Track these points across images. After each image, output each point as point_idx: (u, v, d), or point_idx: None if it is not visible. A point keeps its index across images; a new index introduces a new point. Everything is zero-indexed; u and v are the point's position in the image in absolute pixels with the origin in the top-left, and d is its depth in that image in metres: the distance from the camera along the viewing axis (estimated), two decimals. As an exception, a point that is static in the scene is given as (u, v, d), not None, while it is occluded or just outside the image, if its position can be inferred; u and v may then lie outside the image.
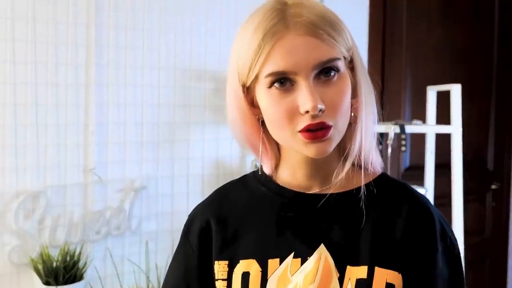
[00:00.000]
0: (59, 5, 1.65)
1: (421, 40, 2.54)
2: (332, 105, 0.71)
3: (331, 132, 0.72)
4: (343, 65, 0.74)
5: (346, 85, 0.74)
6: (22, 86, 1.61)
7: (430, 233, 0.75)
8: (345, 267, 0.71)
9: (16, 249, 1.62)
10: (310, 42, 0.71)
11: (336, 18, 0.75)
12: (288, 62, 0.71)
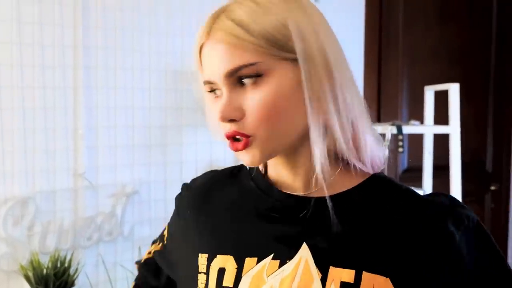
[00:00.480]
0: (44, 6, 1.61)
1: (417, 41, 2.51)
2: (252, 114, 0.67)
3: (252, 143, 0.68)
4: (276, 65, 0.67)
5: (270, 90, 0.67)
6: (8, 89, 1.57)
7: (434, 235, 0.68)
8: (328, 268, 0.66)
9: (6, 256, 1.58)
10: (222, 50, 0.68)
11: (267, 19, 0.68)
12: (208, 72, 0.70)
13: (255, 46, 0.66)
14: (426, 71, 2.52)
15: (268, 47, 0.67)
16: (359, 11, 2.34)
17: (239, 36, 0.67)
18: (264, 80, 0.67)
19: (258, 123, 0.67)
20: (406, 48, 2.48)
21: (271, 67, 0.67)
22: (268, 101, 0.67)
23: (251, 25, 0.67)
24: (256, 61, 0.67)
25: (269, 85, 0.67)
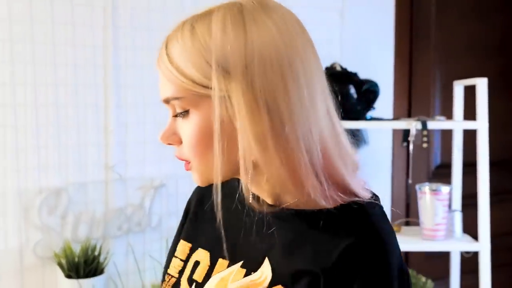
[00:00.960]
0: (76, 8, 1.70)
1: (451, 35, 2.47)
2: (184, 143, 0.71)
3: (192, 167, 0.71)
4: (199, 101, 0.67)
5: (195, 125, 0.68)
6: (42, 87, 1.67)
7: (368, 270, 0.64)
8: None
9: (40, 244, 1.69)
10: (161, 79, 0.71)
11: (193, 50, 0.67)
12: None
13: (181, 83, 0.67)
14: (460, 65, 2.47)
15: (192, 86, 0.67)
16: (389, 6, 2.32)
17: (170, 71, 0.68)
18: (190, 115, 0.69)
19: (189, 153, 0.70)
20: (438, 42, 2.43)
21: (195, 103, 0.68)
22: (194, 135, 0.68)
23: (180, 64, 0.67)
24: (180, 96, 0.68)
25: (194, 120, 0.68)
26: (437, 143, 2.47)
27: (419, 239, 1.87)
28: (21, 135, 1.66)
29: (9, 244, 1.66)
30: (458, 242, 1.87)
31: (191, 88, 0.67)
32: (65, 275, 1.65)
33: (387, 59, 2.33)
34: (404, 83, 2.38)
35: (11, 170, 1.65)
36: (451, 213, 1.91)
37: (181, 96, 0.68)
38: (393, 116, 2.31)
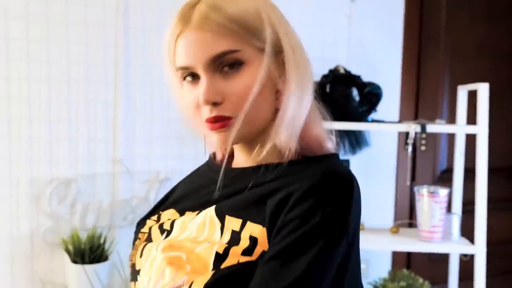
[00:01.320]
0: (89, 8, 1.80)
1: (461, 38, 2.48)
2: (232, 98, 0.75)
3: (231, 123, 0.75)
4: (253, 56, 0.75)
5: (252, 77, 0.75)
6: (55, 83, 1.78)
7: (299, 202, 0.71)
8: (225, 216, 0.76)
9: (49, 230, 1.80)
10: (205, 37, 0.74)
11: (248, 12, 0.75)
12: (185, 58, 0.76)
13: (235, 33, 0.73)
14: (470, 69, 2.48)
15: (246, 36, 0.74)
16: (397, 8, 2.35)
17: (224, 25, 0.73)
18: (245, 68, 0.75)
19: (239, 106, 0.75)
20: (448, 45, 2.45)
21: (251, 57, 0.75)
22: (248, 86, 0.74)
23: (236, 19, 0.74)
24: (239, 48, 0.74)
25: (249, 72, 0.75)
26: (443, 147, 2.49)
27: (417, 240, 1.91)
28: (35, 128, 1.76)
29: (21, 229, 1.77)
30: (454, 245, 1.89)
31: (247, 40, 0.75)
32: (71, 260, 1.75)
33: (394, 62, 2.36)
34: (412, 86, 2.40)
35: (24, 161, 1.76)
36: (449, 216, 1.93)
37: (239, 48, 0.74)
38: (399, 119, 2.34)
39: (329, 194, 0.71)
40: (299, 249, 0.68)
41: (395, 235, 2.00)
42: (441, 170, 2.50)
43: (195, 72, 0.77)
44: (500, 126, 2.54)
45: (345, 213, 0.71)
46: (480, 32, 2.53)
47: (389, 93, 2.23)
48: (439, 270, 2.32)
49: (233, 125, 0.76)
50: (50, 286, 1.81)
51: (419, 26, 2.39)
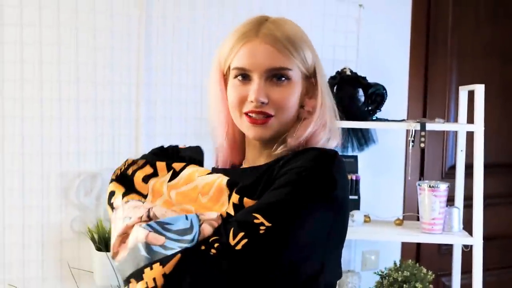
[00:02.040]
0: (115, 17, 1.96)
1: (468, 39, 2.57)
2: (276, 102, 0.95)
3: (271, 121, 0.95)
4: (297, 76, 0.97)
5: (292, 91, 0.96)
6: (84, 84, 1.94)
7: (290, 162, 0.90)
8: (232, 190, 0.91)
9: (77, 219, 1.97)
10: (269, 51, 0.94)
11: (301, 40, 0.97)
12: (248, 62, 0.95)
13: (290, 53, 0.95)
14: (477, 70, 2.56)
15: (299, 61, 0.96)
16: (405, 12, 2.46)
17: (286, 46, 0.94)
18: (290, 83, 0.96)
19: (280, 109, 0.95)
20: (454, 47, 2.54)
21: (296, 76, 0.96)
22: (289, 97, 0.96)
23: (294, 42, 0.96)
24: (291, 68, 0.95)
25: (292, 87, 0.96)
26: (451, 145, 2.58)
27: (419, 232, 2.02)
28: (64, 125, 1.93)
29: (51, 219, 1.95)
30: (454, 236, 2.00)
31: (298, 63, 0.96)
32: (95, 248, 1.91)
33: (403, 63, 2.46)
34: (420, 87, 2.50)
35: (54, 156, 1.93)
36: (450, 209, 2.04)
37: (291, 68, 0.96)
38: (407, 117, 2.44)
39: (313, 157, 0.91)
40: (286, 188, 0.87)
41: (399, 227, 2.11)
42: (449, 167, 2.59)
43: (248, 75, 0.95)
44: (501, 122, 2.63)
45: (328, 171, 0.89)
46: (487, 33, 2.61)
47: (397, 93, 2.33)
48: (446, 263, 2.41)
49: (271, 123, 0.96)
50: (77, 271, 1.98)
51: (426, 29, 2.49)
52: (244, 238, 0.81)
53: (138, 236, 0.84)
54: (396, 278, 2.06)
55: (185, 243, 0.83)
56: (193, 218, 0.86)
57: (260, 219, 0.82)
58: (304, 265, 0.88)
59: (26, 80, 1.88)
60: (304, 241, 0.86)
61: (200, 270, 0.81)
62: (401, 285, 2.05)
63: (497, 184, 2.65)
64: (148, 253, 0.82)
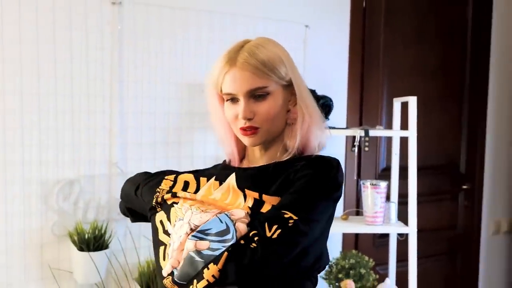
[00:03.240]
0: (89, 35, 2.12)
1: (397, 58, 2.96)
2: (260, 115, 1.18)
3: (258, 132, 1.18)
4: (275, 88, 1.18)
5: (274, 102, 1.18)
6: (61, 97, 2.08)
7: (304, 168, 1.15)
8: (244, 190, 1.15)
9: (57, 224, 2.09)
10: (246, 76, 1.16)
11: (274, 60, 1.17)
12: (232, 88, 1.18)
13: (265, 74, 1.15)
14: (404, 84, 2.95)
15: (274, 77, 1.16)
16: (344, 33, 2.80)
17: (260, 69, 1.15)
18: (269, 97, 1.17)
19: (265, 121, 1.17)
20: (386, 65, 2.92)
21: (274, 89, 1.17)
22: (271, 109, 1.17)
23: (267, 63, 1.15)
24: (267, 85, 1.16)
25: (272, 100, 1.17)
26: (383, 149, 2.95)
27: (363, 225, 2.34)
28: (44, 135, 2.05)
29: (32, 223, 2.06)
30: (392, 227, 2.34)
31: (275, 78, 1.17)
32: (77, 249, 2.05)
33: (342, 79, 2.80)
34: (356, 98, 2.85)
35: (35, 164, 2.05)
36: (388, 204, 2.37)
37: (267, 85, 1.17)
38: (346, 125, 2.77)
39: (323, 165, 1.16)
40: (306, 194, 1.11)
41: (345, 221, 2.42)
42: (382, 168, 2.96)
43: (236, 97, 1.18)
44: (426, 130, 3.03)
45: (336, 178, 1.14)
46: (412, 54, 3.02)
47: (338, 104, 2.65)
48: (381, 253, 2.76)
49: (259, 133, 1.19)
50: (58, 272, 2.10)
51: (362, 49, 2.85)
52: (278, 229, 1.06)
53: (188, 247, 1.09)
54: (344, 265, 2.36)
55: (227, 242, 1.08)
56: (226, 219, 1.10)
57: (289, 214, 1.07)
58: (313, 250, 1.14)
59: (8, 92, 1.99)
60: (317, 232, 1.13)
61: (243, 260, 1.05)
62: (348, 271, 2.36)
63: (420, 185, 3.05)
64: (201, 257, 1.07)
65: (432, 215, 3.18)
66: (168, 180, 1.26)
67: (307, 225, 1.09)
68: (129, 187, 1.41)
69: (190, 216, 1.14)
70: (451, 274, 3.35)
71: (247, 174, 1.22)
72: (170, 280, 1.13)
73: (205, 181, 1.23)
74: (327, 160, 1.18)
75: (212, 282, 1.06)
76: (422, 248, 2.90)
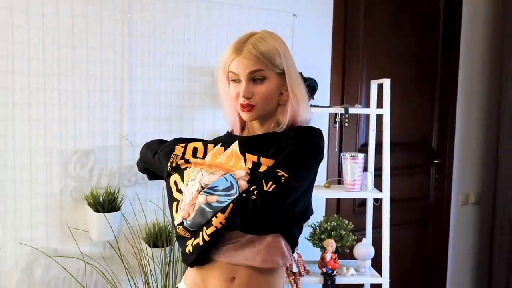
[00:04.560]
0: (104, 28, 2.40)
1: (375, 46, 3.27)
2: (257, 96, 1.46)
3: (254, 109, 1.47)
4: (271, 75, 1.45)
5: (269, 86, 1.45)
6: (78, 78, 2.36)
7: (293, 137, 1.44)
8: (245, 154, 1.45)
9: (75, 189, 2.38)
10: (248, 63, 1.44)
11: (271, 52, 1.43)
12: (236, 70, 1.46)
13: (263, 62, 1.42)
14: (382, 68, 3.26)
15: (270, 65, 1.43)
16: (328, 21, 3.10)
17: (259, 58, 1.42)
18: (266, 81, 1.44)
19: (259, 101, 1.45)
20: (365, 51, 3.23)
21: (270, 75, 1.44)
22: (266, 91, 1.45)
23: (265, 54, 1.42)
24: (264, 69, 1.43)
25: (267, 84, 1.45)
26: (363, 126, 3.27)
27: (343, 191, 2.66)
28: (63, 112, 2.33)
29: (53, 188, 2.35)
30: (368, 193, 2.66)
31: (271, 66, 1.44)
32: (94, 210, 2.34)
33: (326, 63, 3.10)
34: (338, 80, 3.16)
35: (57, 137, 2.33)
36: (366, 173, 2.70)
37: (264, 69, 1.44)
38: (329, 104, 3.08)
39: (308, 133, 1.45)
40: (294, 158, 1.41)
41: (328, 189, 2.74)
42: (361, 144, 3.28)
43: (239, 78, 1.47)
44: (402, 110, 3.35)
45: (318, 143, 1.44)
46: (389, 40, 3.33)
47: (322, 85, 2.95)
48: (359, 220, 3.07)
49: (254, 110, 1.48)
50: (75, 231, 2.39)
51: (344, 36, 3.15)
52: (273, 184, 1.36)
53: (200, 200, 1.40)
54: (326, 227, 2.68)
55: (232, 196, 1.38)
56: (230, 178, 1.41)
57: (281, 173, 1.38)
58: (300, 202, 1.45)
59: (32, 75, 2.26)
60: (304, 187, 1.43)
61: (246, 209, 1.36)
62: (330, 233, 2.68)
63: (395, 159, 3.37)
64: (211, 208, 1.38)
65: (406, 187, 3.51)
66: (180, 147, 1.55)
67: (296, 181, 1.39)
68: (148, 152, 1.70)
69: (200, 177, 1.44)
70: (423, 240, 3.70)
71: (248, 141, 1.51)
72: (182, 229, 1.44)
73: (212, 147, 1.52)
74: (312, 129, 1.48)
75: (219, 228, 1.38)
76: (396, 217, 3.23)
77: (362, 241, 2.70)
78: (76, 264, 2.39)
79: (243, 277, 1.43)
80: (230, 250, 1.42)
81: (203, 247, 1.40)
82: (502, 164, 3.56)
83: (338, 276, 2.59)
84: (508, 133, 3.50)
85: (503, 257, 3.56)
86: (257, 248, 1.41)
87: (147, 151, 1.71)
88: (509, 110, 3.50)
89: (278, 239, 1.44)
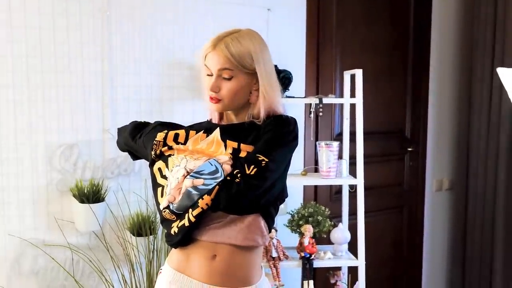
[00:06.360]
0: (84, 25, 2.48)
1: (347, 37, 3.38)
2: (223, 91, 1.55)
3: (220, 102, 1.57)
4: (239, 74, 1.54)
5: (236, 84, 1.54)
6: (61, 74, 2.44)
7: (270, 125, 1.55)
8: (226, 141, 1.56)
9: (60, 181, 2.46)
10: (219, 59, 1.54)
11: (243, 52, 1.51)
12: (209, 64, 1.57)
13: (235, 64, 1.51)
14: (355, 59, 3.38)
15: (239, 66, 1.52)
16: (301, 15, 3.21)
17: (229, 58, 1.51)
18: (233, 79, 1.54)
19: (225, 96, 1.55)
20: (338, 43, 3.34)
21: (237, 74, 1.54)
22: (232, 89, 1.55)
23: (235, 55, 1.51)
24: (232, 68, 1.52)
25: (235, 82, 1.54)
26: (337, 116, 3.39)
27: (319, 178, 2.77)
28: (47, 107, 2.41)
29: (40, 181, 2.43)
30: (344, 179, 2.78)
31: (240, 67, 1.52)
32: (79, 201, 2.43)
33: (300, 55, 3.21)
34: (313, 72, 3.27)
35: (41, 130, 2.41)
36: (341, 161, 2.81)
37: (232, 69, 1.53)
38: (305, 95, 3.19)
39: (284, 122, 1.57)
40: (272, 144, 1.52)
41: (305, 177, 2.85)
42: (337, 133, 3.39)
43: (211, 73, 1.57)
44: (376, 100, 3.47)
45: (293, 131, 1.56)
46: (361, 32, 3.44)
47: (297, 76, 3.06)
48: (336, 207, 3.18)
49: (221, 103, 1.58)
50: (61, 222, 2.48)
51: (317, 29, 3.25)
52: (254, 168, 1.48)
53: (186, 184, 1.50)
54: (304, 214, 2.79)
55: (218, 179, 1.49)
56: (215, 163, 1.51)
57: (262, 157, 1.49)
58: (278, 184, 1.57)
59: (16, 72, 2.34)
60: (281, 170, 1.55)
61: (231, 191, 1.48)
62: (307, 219, 2.79)
63: (371, 148, 3.49)
64: (197, 191, 1.49)
65: (381, 174, 3.64)
66: (162, 133, 1.65)
67: (274, 165, 1.51)
68: (126, 137, 1.83)
69: (185, 163, 1.54)
70: (399, 226, 3.84)
71: (228, 129, 1.62)
72: (168, 212, 1.54)
73: (194, 133, 1.62)
74: (287, 118, 1.60)
75: (205, 209, 1.48)
76: (372, 203, 3.37)
77: (338, 226, 2.82)
78: (63, 254, 2.47)
79: (225, 254, 1.54)
80: (213, 230, 1.53)
81: (189, 227, 1.51)
82: (473, 151, 3.69)
83: (316, 260, 2.70)
84: (478, 120, 3.64)
85: (476, 240, 3.71)
86: (238, 227, 1.53)
87: (125, 136, 1.82)
88: (479, 97, 3.63)
89: (258, 219, 1.56)
